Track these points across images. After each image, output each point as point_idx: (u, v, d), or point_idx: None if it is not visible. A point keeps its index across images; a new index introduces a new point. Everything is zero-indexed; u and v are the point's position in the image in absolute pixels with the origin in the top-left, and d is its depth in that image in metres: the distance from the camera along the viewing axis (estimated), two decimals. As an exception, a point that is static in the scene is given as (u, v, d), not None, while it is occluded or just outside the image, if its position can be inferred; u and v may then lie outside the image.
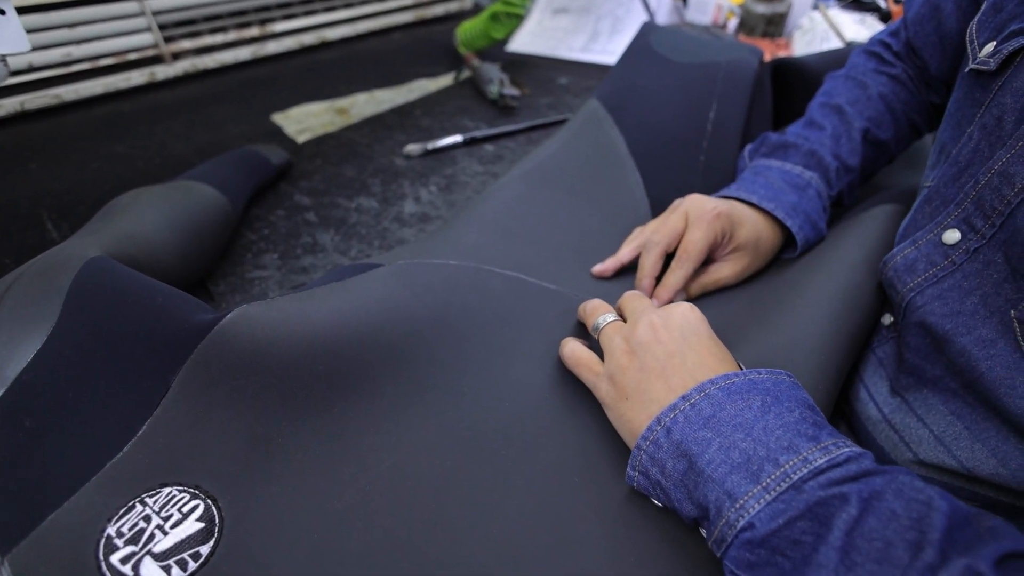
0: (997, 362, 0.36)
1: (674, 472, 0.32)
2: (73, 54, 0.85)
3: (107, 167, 0.75)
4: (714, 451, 0.31)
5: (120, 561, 0.30)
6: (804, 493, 0.28)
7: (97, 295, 0.38)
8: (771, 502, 0.28)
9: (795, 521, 0.27)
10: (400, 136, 0.85)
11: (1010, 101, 0.38)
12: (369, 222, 0.68)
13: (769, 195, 0.54)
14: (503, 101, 0.92)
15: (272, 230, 0.66)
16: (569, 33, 1.18)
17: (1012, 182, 0.35)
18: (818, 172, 0.56)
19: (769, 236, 0.54)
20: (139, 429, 0.36)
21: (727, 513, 0.29)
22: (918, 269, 0.42)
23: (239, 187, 0.66)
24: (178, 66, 0.95)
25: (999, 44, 0.40)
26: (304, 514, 0.35)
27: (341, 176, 0.76)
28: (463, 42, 1.06)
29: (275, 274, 0.60)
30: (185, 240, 0.54)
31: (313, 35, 1.09)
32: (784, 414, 0.32)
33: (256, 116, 0.89)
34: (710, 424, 0.32)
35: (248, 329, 0.39)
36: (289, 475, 0.36)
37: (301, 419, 0.38)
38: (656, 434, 0.34)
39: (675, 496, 0.32)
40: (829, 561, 0.26)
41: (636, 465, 0.35)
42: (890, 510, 0.26)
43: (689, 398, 0.34)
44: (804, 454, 0.30)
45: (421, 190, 0.74)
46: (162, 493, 0.34)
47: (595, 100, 0.72)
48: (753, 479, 0.29)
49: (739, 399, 0.33)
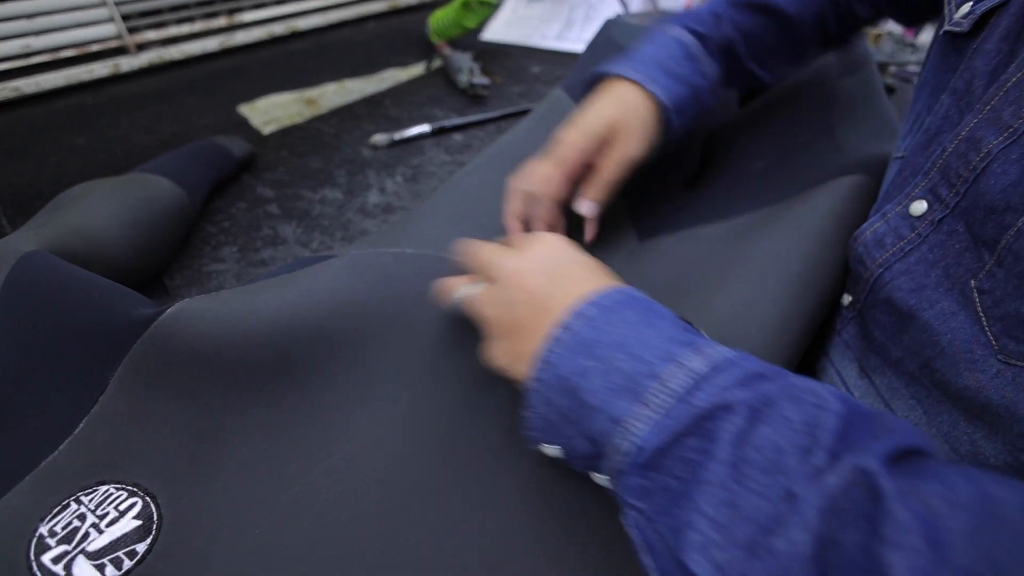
0: (958, 335, 0.35)
1: (562, 406, 0.31)
2: (32, 45, 0.83)
3: (68, 160, 0.74)
4: (596, 380, 0.29)
5: (52, 561, 0.30)
6: (689, 405, 0.27)
7: (32, 291, 0.37)
8: (657, 420, 0.27)
9: (682, 438, 0.26)
10: (368, 126, 0.84)
11: (980, 64, 0.36)
12: (332, 214, 0.67)
13: (632, 65, 0.52)
14: (473, 90, 0.91)
15: (232, 223, 0.65)
16: (544, 21, 1.17)
17: (979, 147, 0.34)
18: (687, 19, 0.55)
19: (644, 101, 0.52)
20: (76, 427, 0.35)
21: (616, 440, 0.28)
22: (886, 244, 0.41)
23: (198, 179, 0.65)
24: (143, 57, 0.93)
25: (975, 4, 0.38)
26: (247, 509, 0.34)
27: (306, 167, 0.75)
28: (436, 31, 1.05)
29: (233, 267, 0.59)
30: (138, 233, 0.53)
31: (283, 25, 1.07)
32: (657, 321, 0.31)
33: (222, 108, 0.87)
34: (590, 350, 0.31)
35: (190, 323, 0.39)
36: (232, 470, 0.36)
37: (247, 413, 0.38)
38: (540, 370, 0.32)
39: (567, 433, 0.31)
40: (718, 475, 0.25)
41: (529, 403, 0.33)
42: (783, 417, 0.25)
43: (567, 326, 0.32)
44: (682, 361, 0.29)
45: (387, 181, 0.73)
46: (99, 491, 0.33)
47: (560, 90, 0.71)
48: (636, 399, 0.28)
49: (614, 314, 0.32)
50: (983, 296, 0.33)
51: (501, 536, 0.34)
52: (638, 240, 0.55)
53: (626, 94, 0.51)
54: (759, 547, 0.22)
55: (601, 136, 0.50)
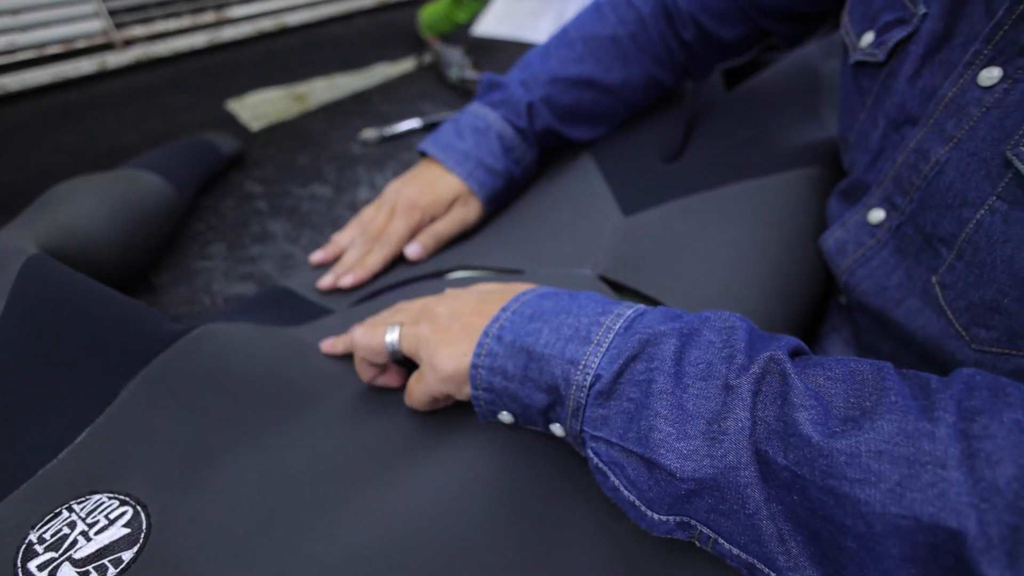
0: (929, 332, 0.37)
1: (516, 370, 0.34)
2: (18, 42, 0.82)
3: (54, 158, 0.73)
4: (547, 335, 0.34)
5: (37, 568, 0.30)
6: (633, 335, 0.32)
7: (43, 300, 0.37)
8: (607, 351, 0.32)
9: (632, 361, 0.31)
10: (358, 122, 0.84)
11: (906, 87, 0.39)
12: (322, 210, 0.67)
13: (442, 142, 0.58)
14: (464, 85, 0.91)
15: (220, 220, 0.65)
16: (535, 15, 1.16)
17: (927, 156, 0.37)
18: (506, 111, 0.59)
19: (457, 184, 0.58)
20: (77, 436, 0.35)
21: (575, 377, 0.32)
22: (848, 251, 0.43)
23: (187, 176, 0.64)
24: (130, 53, 0.92)
25: (879, 35, 0.41)
26: (234, 523, 0.34)
27: (295, 164, 0.74)
28: (426, 26, 1.04)
29: (221, 264, 0.59)
30: (125, 230, 0.52)
31: (272, 20, 1.07)
32: (590, 295, 0.36)
33: (210, 104, 0.87)
34: (534, 318, 0.35)
35: (211, 346, 0.41)
36: (223, 486, 0.36)
37: (243, 434, 0.38)
38: (488, 346, 0.35)
39: (523, 394, 0.34)
40: (666, 386, 0.29)
41: (478, 383, 0.36)
42: (707, 340, 0.31)
43: (508, 308, 0.37)
44: (616, 311, 0.34)
45: (377, 176, 0.72)
46: (91, 500, 0.33)
47: None
48: (586, 341, 0.33)
49: (550, 298, 0.36)
50: (945, 290, 0.36)
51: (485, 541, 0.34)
52: (623, 215, 0.55)
53: (454, 181, 0.58)
54: (714, 432, 0.28)
55: (446, 204, 0.57)
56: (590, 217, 0.56)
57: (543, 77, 0.60)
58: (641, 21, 0.60)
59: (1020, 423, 0.22)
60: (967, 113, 0.34)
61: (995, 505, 0.21)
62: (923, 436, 0.23)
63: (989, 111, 0.33)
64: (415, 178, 0.58)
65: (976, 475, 0.22)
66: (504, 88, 0.60)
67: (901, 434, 0.24)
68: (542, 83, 0.59)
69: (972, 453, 0.22)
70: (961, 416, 0.23)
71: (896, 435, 0.24)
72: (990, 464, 0.22)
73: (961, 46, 0.35)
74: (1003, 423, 0.22)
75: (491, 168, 0.58)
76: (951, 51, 0.36)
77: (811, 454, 0.25)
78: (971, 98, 0.34)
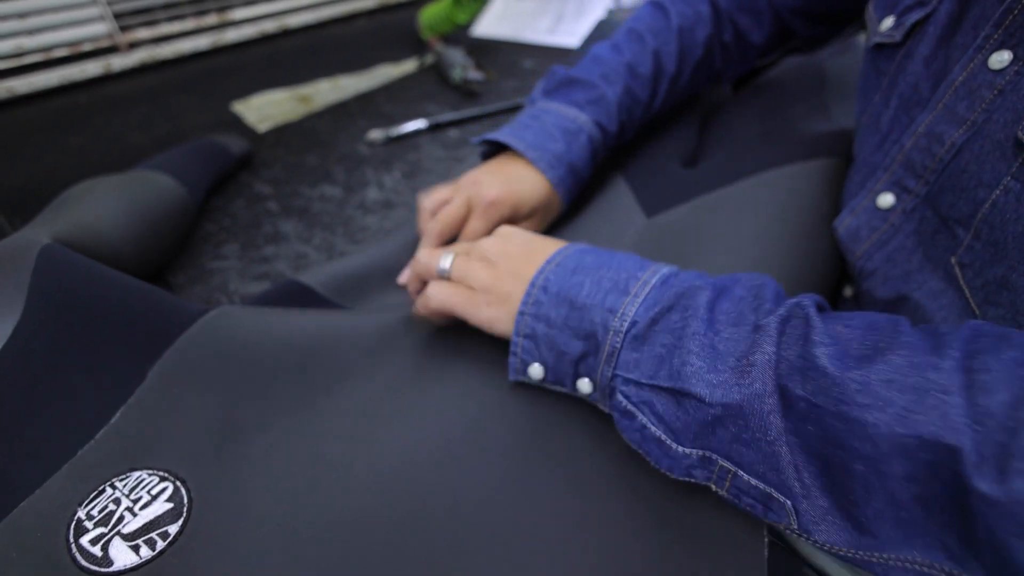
0: (951, 311, 0.38)
1: (558, 317, 0.37)
2: (25, 45, 0.83)
3: (62, 160, 0.74)
4: (588, 287, 0.37)
5: (90, 542, 0.31)
6: (668, 288, 0.35)
7: (64, 287, 0.38)
8: (643, 301, 0.35)
9: (667, 312, 0.34)
10: (363, 123, 0.85)
11: (921, 68, 0.40)
12: (332, 210, 0.68)
13: (536, 143, 0.55)
14: (467, 86, 0.92)
15: (232, 220, 0.66)
16: (534, 15, 1.18)
17: (941, 140, 0.37)
18: (595, 112, 0.57)
19: (546, 192, 0.55)
20: (112, 416, 0.37)
21: (612, 324, 0.35)
22: (862, 236, 0.44)
23: (198, 177, 0.65)
24: (135, 56, 0.93)
25: (899, 17, 0.42)
26: (270, 493, 0.35)
27: (303, 164, 0.75)
28: (427, 27, 1.05)
29: (236, 264, 0.59)
30: (141, 230, 0.53)
31: (274, 22, 1.08)
32: (628, 255, 0.39)
33: (216, 106, 0.87)
34: (577, 272, 0.38)
35: (230, 323, 0.42)
36: (257, 457, 0.37)
37: (273, 406, 0.40)
38: (535, 295, 0.38)
39: (561, 340, 0.37)
40: (699, 329, 0.32)
41: (521, 329, 0.38)
42: (737, 295, 0.33)
43: (552, 260, 0.39)
44: (653, 268, 0.37)
45: (385, 177, 0.73)
46: (132, 476, 0.34)
47: None
48: (625, 292, 0.35)
49: (590, 254, 0.39)
50: (964, 269, 0.37)
51: (515, 516, 0.35)
52: (646, 217, 0.56)
53: (544, 187, 0.55)
54: (743, 366, 0.30)
55: (528, 210, 0.54)
56: (614, 220, 0.57)
57: (620, 66, 0.58)
58: (698, 14, 0.61)
59: (1018, 359, 0.24)
60: (979, 96, 0.35)
61: (987, 426, 0.23)
62: (930, 367, 0.25)
63: (1002, 93, 0.34)
64: (498, 172, 0.55)
65: (973, 400, 0.24)
66: (589, 86, 0.57)
67: (910, 366, 0.26)
68: (622, 74, 0.58)
69: (971, 383, 0.24)
70: (966, 353, 0.26)
71: (905, 367, 0.26)
72: (985, 391, 0.24)
73: (972, 29, 0.36)
74: (1001, 359, 0.25)
75: (579, 175, 0.57)
76: (965, 34, 0.37)
77: (826, 384, 0.27)
78: (982, 81, 0.35)
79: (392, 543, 0.33)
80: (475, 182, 0.54)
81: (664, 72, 0.59)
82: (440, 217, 0.54)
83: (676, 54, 0.60)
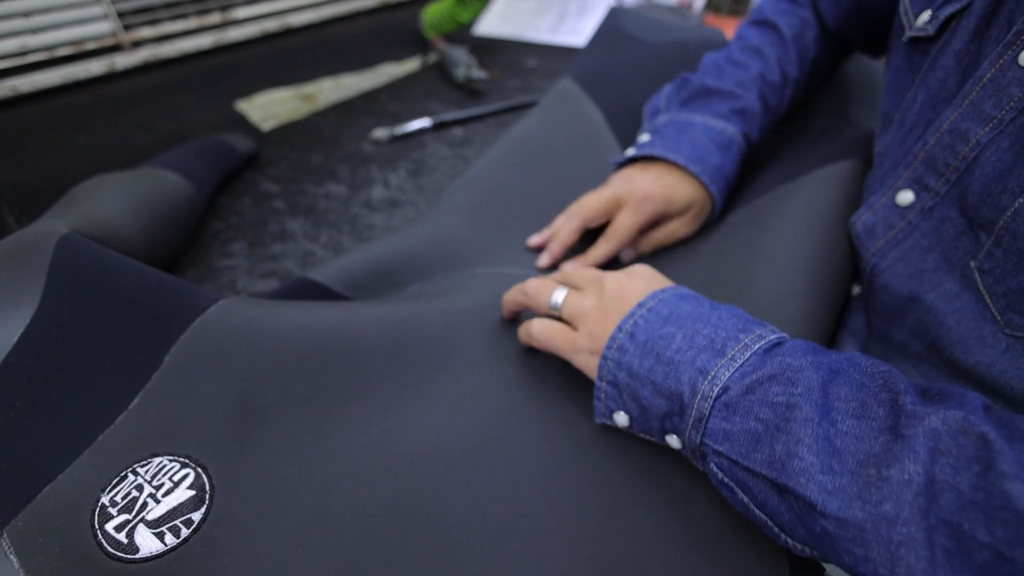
0: (964, 315, 0.37)
1: (641, 369, 0.34)
2: (29, 44, 0.83)
3: (68, 158, 0.74)
4: (679, 341, 0.33)
5: (115, 529, 0.31)
6: (772, 357, 0.31)
7: (80, 275, 0.38)
8: (740, 366, 0.31)
9: (767, 382, 0.30)
10: (367, 121, 0.85)
11: (952, 63, 0.39)
12: (338, 208, 0.68)
13: (695, 156, 0.54)
14: (471, 84, 0.92)
15: (240, 219, 0.66)
16: (536, 15, 1.18)
17: (966, 138, 0.36)
18: (742, 123, 0.57)
19: (700, 197, 0.55)
20: (131, 402, 0.37)
21: (701, 387, 0.31)
22: (877, 233, 0.43)
23: (205, 175, 0.65)
24: (138, 55, 0.93)
25: (935, 11, 0.40)
26: (293, 480, 0.36)
27: (308, 163, 0.75)
28: (429, 26, 1.05)
29: (243, 262, 0.60)
30: (149, 226, 0.53)
31: (276, 21, 1.07)
32: (731, 309, 0.36)
33: (220, 104, 0.87)
34: (670, 321, 0.35)
35: (245, 309, 0.42)
36: (278, 443, 0.37)
37: (291, 391, 0.40)
38: (620, 340, 0.35)
39: (643, 395, 0.34)
40: (812, 415, 0.27)
41: (604, 375, 0.36)
42: (855, 379, 0.29)
43: (644, 304, 0.36)
44: (758, 332, 0.33)
45: (390, 175, 0.74)
46: (153, 463, 0.34)
47: (567, 79, 0.73)
48: (720, 354, 0.32)
49: (690, 302, 0.36)
50: (984, 275, 0.35)
51: (540, 507, 0.35)
52: None
53: (698, 193, 0.55)
54: (870, 476, 0.25)
55: (679, 209, 0.54)
56: None
57: (753, 75, 0.59)
58: (804, 22, 0.61)
59: None
60: (1007, 93, 0.33)
61: None
62: None
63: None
64: (651, 171, 0.55)
65: None
66: (731, 96, 0.57)
67: None
68: (756, 83, 0.58)
69: None
70: None
71: None
72: None
73: (1004, 25, 0.35)
74: None
75: (733, 187, 0.57)
76: (999, 28, 0.35)
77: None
78: (1012, 78, 0.33)
79: (412, 534, 0.34)
80: (628, 179, 0.55)
81: (789, 78, 0.60)
82: (584, 200, 0.54)
83: (796, 60, 0.60)
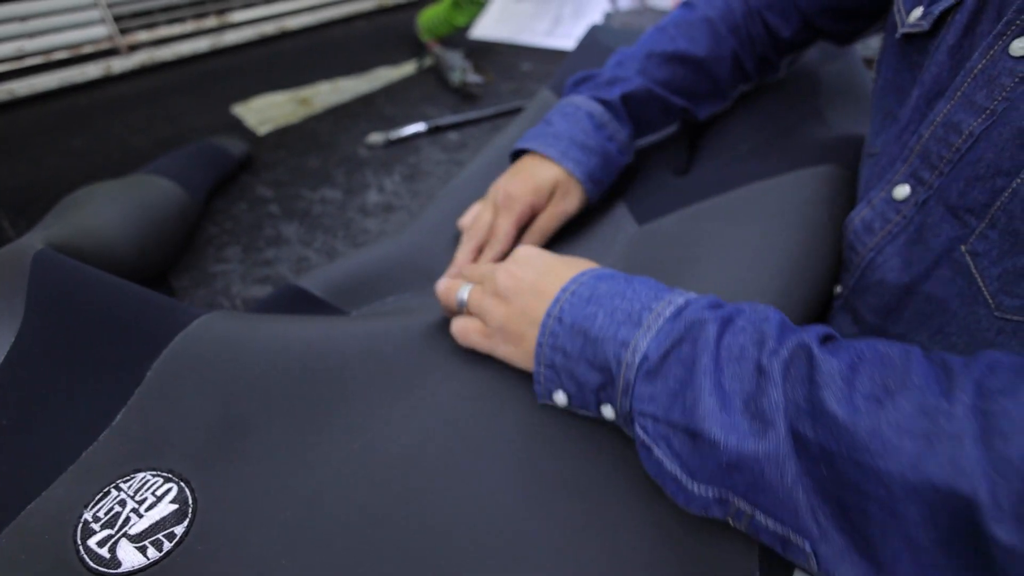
0: (964, 299, 0.38)
1: (574, 349, 0.37)
2: (26, 48, 0.83)
3: (64, 162, 0.74)
4: (602, 319, 0.37)
5: (97, 544, 0.32)
6: (679, 321, 0.35)
7: (60, 291, 0.39)
8: (656, 335, 0.35)
9: (677, 344, 0.34)
10: (364, 125, 0.85)
11: (945, 58, 0.39)
12: (333, 213, 0.68)
13: (536, 133, 0.60)
14: (466, 88, 0.92)
15: (234, 223, 0.66)
16: (532, 18, 1.18)
17: (959, 129, 0.36)
18: (590, 89, 0.61)
19: (559, 175, 0.58)
20: (114, 419, 0.37)
21: (626, 358, 0.35)
22: (875, 228, 0.43)
23: (198, 180, 0.65)
24: (135, 58, 0.93)
25: (927, 7, 0.41)
26: (276, 493, 0.36)
27: (304, 167, 0.76)
28: (425, 29, 1.06)
29: (238, 267, 0.60)
30: (142, 234, 0.54)
31: (273, 24, 1.08)
32: (645, 280, 0.39)
33: (216, 108, 0.88)
34: (591, 301, 0.38)
35: (227, 324, 0.42)
36: (260, 456, 0.37)
37: (272, 404, 0.40)
38: (551, 326, 0.39)
39: (579, 371, 0.37)
40: (708, 365, 0.32)
41: (541, 359, 0.39)
42: (740, 327, 0.33)
43: (567, 289, 0.39)
44: (667, 298, 0.37)
45: (385, 180, 0.74)
46: (136, 478, 0.35)
47: (547, 90, 0.74)
48: (637, 325, 0.36)
49: (606, 281, 0.39)
50: (977, 258, 0.36)
51: (521, 509, 0.36)
52: (637, 224, 0.57)
53: (556, 171, 0.59)
54: (752, 410, 0.30)
55: (547, 193, 0.58)
56: (605, 227, 0.58)
57: (639, 54, 0.63)
58: (728, 6, 0.63)
59: None
60: (999, 84, 0.34)
61: (1006, 474, 0.23)
62: (940, 413, 0.25)
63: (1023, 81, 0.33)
64: (515, 173, 0.59)
65: (990, 446, 0.23)
66: (593, 76, 0.63)
67: (920, 411, 0.26)
68: (638, 58, 0.62)
69: (988, 428, 0.24)
70: (980, 395, 0.25)
71: (915, 413, 0.26)
72: (1003, 437, 0.23)
73: (994, 17, 0.35)
74: (1020, 401, 0.24)
75: (583, 145, 0.59)
76: (989, 20, 0.36)
77: (836, 429, 0.27)
78: (1002, 68, 0.34)
79: (398, 543, 0.34)
80: (496, 186, 0.59)
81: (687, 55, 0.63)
82: (473, 225, 0.58)
83: (705, 39, 0.63)
